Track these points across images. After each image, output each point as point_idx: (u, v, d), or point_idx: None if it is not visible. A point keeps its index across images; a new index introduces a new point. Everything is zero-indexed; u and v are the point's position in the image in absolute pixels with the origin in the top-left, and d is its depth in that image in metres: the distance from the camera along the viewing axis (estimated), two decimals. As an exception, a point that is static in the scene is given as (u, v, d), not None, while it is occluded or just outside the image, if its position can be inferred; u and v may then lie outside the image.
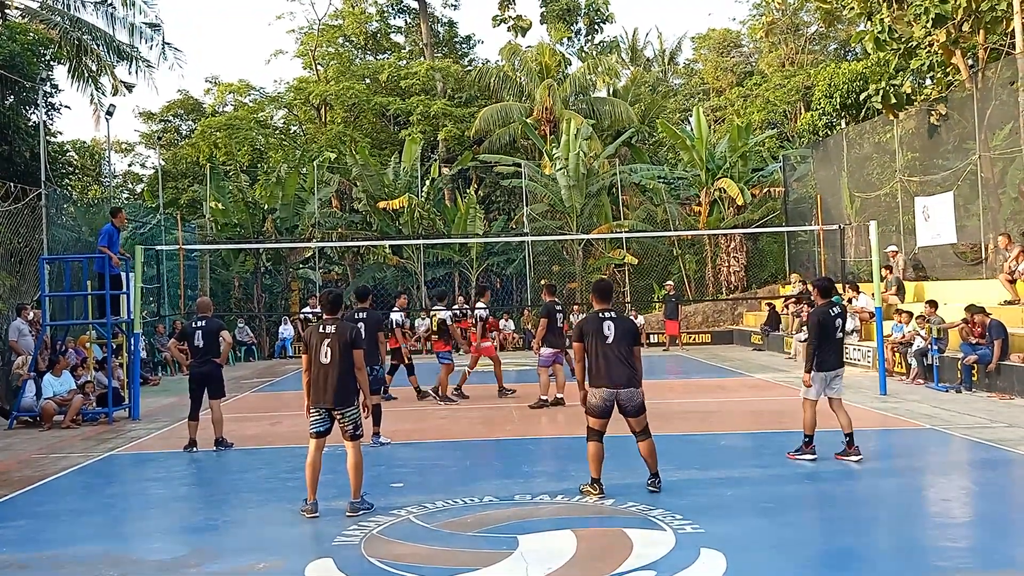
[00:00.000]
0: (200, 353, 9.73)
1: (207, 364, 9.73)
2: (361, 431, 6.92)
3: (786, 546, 5.84)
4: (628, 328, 7.12)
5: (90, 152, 33.74)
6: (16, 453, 10.09)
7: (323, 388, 6.79)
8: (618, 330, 7.01)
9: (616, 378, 6.95)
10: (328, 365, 6.78)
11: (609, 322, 7.03)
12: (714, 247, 26.57)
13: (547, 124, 29.82)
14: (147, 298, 20.81)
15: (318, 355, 6.81)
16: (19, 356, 13.00)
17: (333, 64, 36.60)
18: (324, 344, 6.81)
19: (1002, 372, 12.43)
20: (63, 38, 21.79)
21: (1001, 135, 16.31)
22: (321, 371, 6.80)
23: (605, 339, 6.98)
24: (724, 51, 40.62)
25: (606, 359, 6.96)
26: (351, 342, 6.83)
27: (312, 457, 6.83)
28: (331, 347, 6.79)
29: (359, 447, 6.87)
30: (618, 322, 7.08)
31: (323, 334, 6.85)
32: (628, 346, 7.01)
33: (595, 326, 7.04)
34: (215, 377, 9.81)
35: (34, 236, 15.55)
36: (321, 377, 6.80)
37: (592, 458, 7.06)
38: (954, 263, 17.51)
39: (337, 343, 6.79)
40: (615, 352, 6.96)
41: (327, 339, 6.82)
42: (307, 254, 27.58)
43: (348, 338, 6.82)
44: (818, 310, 8.37)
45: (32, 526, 6.81)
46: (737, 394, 13.23)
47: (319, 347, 6.82)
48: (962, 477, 8.08)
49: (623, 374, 6.95)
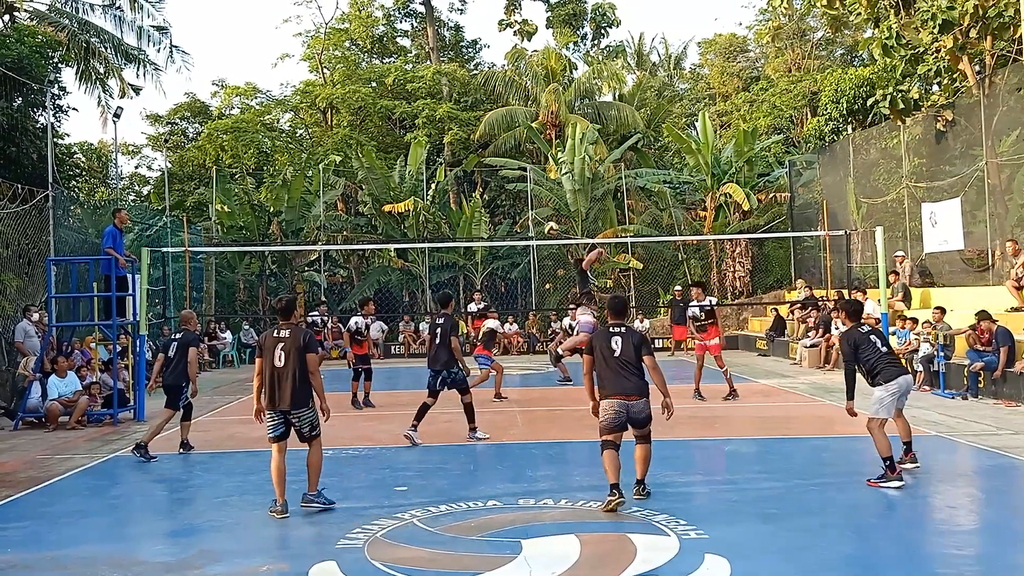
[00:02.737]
0: (171, 364, 9.64)
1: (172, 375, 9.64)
2: (317, 431, 7.08)
3: (790, 552, 5.82)
4: (636, 341, 7.24)
5: (97, 154, 33.89)
6: (21, 454, 10.11)
7: (278, 392, 6.93)
8: (625, 344, 7.17)
9: (626, 389, 7.06)
10: (282, 369, 6.91)
11: (618, 337, 7.20)
12: (719, 252, 26.52)
13: (552, 128, 29.84)
14: (153, 300, 20.79)
15: (272, 359, 6.94)
16: (25, 357, 13.04)
17: (339, 68, 36.67)
18: (278, 348, 6.94)
19: (1008, 379, 12.38)
20: (71, 41, 21.92)
21: (1008, 141, 16.27)
22: (276, 375, 6.93)
23: (613, 352, 7.14)
24: (730, 56, 40.62)
25: (614, 371, 7.11)
26: (304, 346, 6.97)
27: (276, 461, 6.96)
28: (285, 351, 6.92)
29: (319, 446, 7.10)
30: (626, 336, 7.23)
31: (277, 338, 6.99)
32: (637, 357, 7.15)
33: (604, 340, 7.22)
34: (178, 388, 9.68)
35: (41, 237, 15.61)
36: (276, 381, 6.93)
37: (609, 465, 7.05)
38: (961, 269, 17.45)
39: (291, 347, 6.93)
40: (623, 364, 7.11)
41: (281, 343, 6.96)
42: (312, 257, 27.63)
43: (301, 343, 6.97)
44: (848, 333, 8.02)
45: (37, 527, 6.82)
46: (742, 400, 13.18)
47: (273, 351, 6.95)
48: (968, 484, 8.04)
49: (632, 385, 7.08)
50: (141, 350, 13.18)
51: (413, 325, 24.72)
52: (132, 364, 13.53)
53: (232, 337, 23.08)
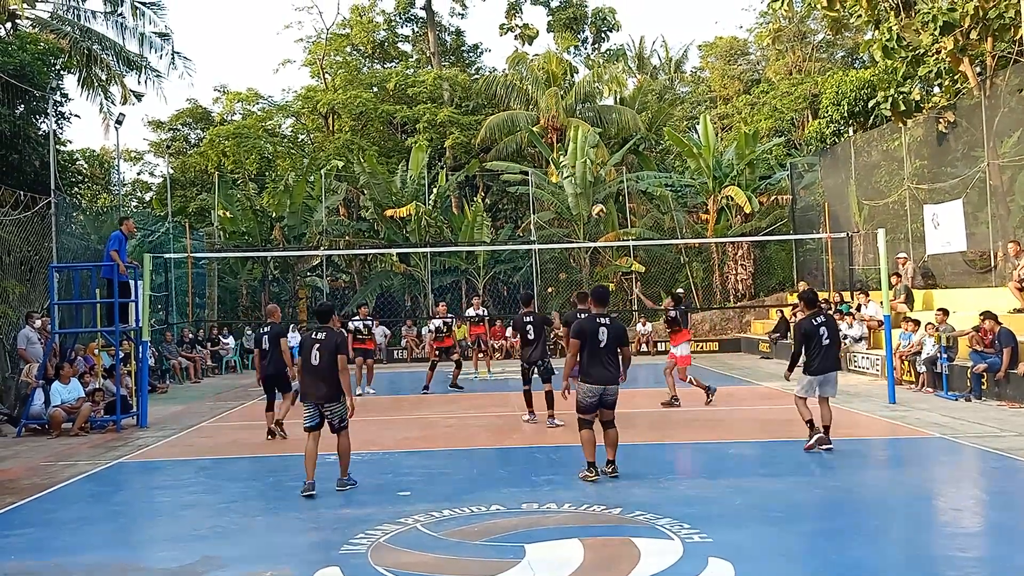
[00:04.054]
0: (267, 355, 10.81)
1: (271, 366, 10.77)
2: (346, 423, 7.91)
3: (795, 556, 5.81)
4: (618, 333, 7.91)
5: (99, 161, 33.92)
6: (25, 460, 10.12)
7: (314, 387, 7.78)
8: (610, 335, 7.84)
9: (606, 378, 7.83)
10: (317, 367, 7.76)
11: (604, 328, 7.83)
12: (721, 255, 26.51)
13: (554, 132, 29.86)
14: (155, 306, 20.86)
15: (309, 358, 7.80)
16: (28, 364, 13.05)
17: (341, 73, 36.74)
18: (315, 349, 7.80)
19: (1012, 381, 12.36)
20: (73, 48, 21.97)
21: (1010, 142, 16.26)
22: (313, 372, 7.77)
23: (599, 343, 7.78)
24: (731, 59, 40.65)
25: (598, 360, 7.80)
26: (336, 348, 7.83)
27: (309, 447, 7.83)
28: (320, 352, 7.77)
29: (347, 436, 7.95)
30: (611, 327, 7.87)
31: (315, 340, 7.87)
32: (616, 348, 7.86)
33: (592, 329, 7.82)
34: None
35: (43, 244, 15.63)
36: (313, 378, 7.78)
37: (586, 443, 7.88)
38: (963, 271, 17.43)
39: (326, 349, 7.77)
40: (606, 354, 7.81)
41: (317, 344, 7.82)
42: (315, 262, 27.63)
43: (334, 344, 7.83)
44: (801, 322, 9.05)
45: (40, 534, 6.83)
46: (745, 403, 13.17)
47: (310, 351, 7.81)
48: (972, 487, 8.03)
49: (611, 374, 7.86)
50: (144, 356, 13.19)
51: (415, 330, 24.71)
52: (135, 370, 13.54)
53: (235, 343, 23.07)
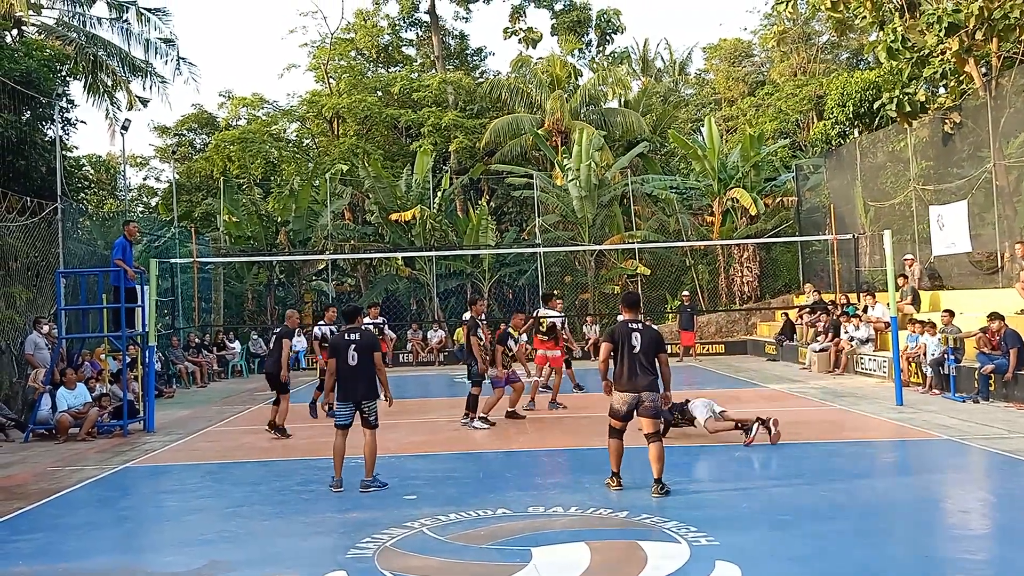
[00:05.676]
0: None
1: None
2: (377, 421, 8.06)
3: (802, 559, 5.79)
4: (653, 338, 7.66)
5: (105, 166, 34.02)
6: (32, 466, 10.15)
7: (353, 385, 7.93)
8: (644, 339, 7.59)
9: (639, 385, 7.53)
10: (356, 367, 7.91)
11: (637, 333, 7.61)
12: (727, 257, 26.47)
13: (558, 135, 29.85)
14: (161, 311, 20.94)
15: (346, 359, 7.91)
16: (35, 369, 13.09)
17: (345, 77, 36.79)
18: (351, 349, 7.93)
19: (1019, 382, 12.30)
20: (79, 54, 22.08)
21: (1016, 143, 16.21)
22: (350, 372, 7.92)
23: (633, 348, 7.55)
24: (735, 61, 40.57)
25: (632, 366, 7.53)
26: (372, 346, 8.00)
27: (338, 444, 8.04)
28: (356, 352, 7.91)
29: (375, 434, 8.02)
30: (645, 332, 7.64)
31: (349, 340, 7.98)
32: (653, 354, 7.59)
33: (625, 335, 7.59)
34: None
35: (50, 250, 15.69)
36: (350, 377, 7.92)
37: (612, 452, 7.70)
38: (970, 272, 17.37)
39: (362, 348, 7.93)
40: (641, 360, 7.53)
41: (352, 345, 7.95)
42: (320, 266, 27.68)
43: (369, 343, 8.01)
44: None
45: (48, 539, 6.84)
46: (752, 405, 13.12)
47: (346, 352, 7.92)
48: (980, 488, 8.00)
49: (647, 381, 7.54)
50: (150, 361, 13.22)
51: (421, 333, 24.73)
52: (141, 375, 13.58)
53: (241, 347, 23.12)
